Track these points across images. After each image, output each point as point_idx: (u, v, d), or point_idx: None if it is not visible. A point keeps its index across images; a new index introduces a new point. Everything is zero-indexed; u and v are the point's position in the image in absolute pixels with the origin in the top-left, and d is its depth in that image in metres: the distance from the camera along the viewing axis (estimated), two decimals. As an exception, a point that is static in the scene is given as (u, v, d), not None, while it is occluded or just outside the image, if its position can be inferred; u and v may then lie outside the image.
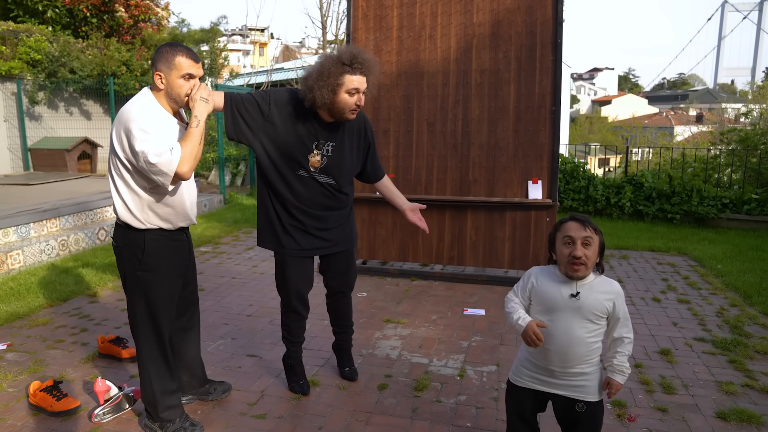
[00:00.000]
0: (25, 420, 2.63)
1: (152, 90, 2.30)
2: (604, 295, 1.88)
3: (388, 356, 3.34)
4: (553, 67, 4.42)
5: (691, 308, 4.15)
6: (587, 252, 1.85)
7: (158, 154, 2.14)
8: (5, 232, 5.25)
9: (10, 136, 9.81)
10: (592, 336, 1.89)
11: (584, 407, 1.92)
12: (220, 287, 4.71)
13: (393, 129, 4.79)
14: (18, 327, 3.80)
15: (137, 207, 2.29)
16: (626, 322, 1.90)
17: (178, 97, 2.28)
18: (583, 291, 1.88)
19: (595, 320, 1.88)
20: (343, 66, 2.43)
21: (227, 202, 8.97)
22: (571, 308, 1.88)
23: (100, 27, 11.68)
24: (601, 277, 1.93)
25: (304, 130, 2.56)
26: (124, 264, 2.38)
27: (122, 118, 2.21)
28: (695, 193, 7.15)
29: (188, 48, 2.30)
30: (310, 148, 2.57)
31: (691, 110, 43.24)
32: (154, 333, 2.41)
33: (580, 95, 57.34)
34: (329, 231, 2.73)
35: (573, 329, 1.87)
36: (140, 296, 2.37)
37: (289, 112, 2.55)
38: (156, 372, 2.43)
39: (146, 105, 2.25)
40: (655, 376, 3.05)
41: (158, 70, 2.25)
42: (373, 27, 4.77)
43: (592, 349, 1.90)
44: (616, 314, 1.89)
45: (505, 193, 4.60)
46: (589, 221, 1.90)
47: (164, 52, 2.25)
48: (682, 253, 5.82)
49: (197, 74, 2.28)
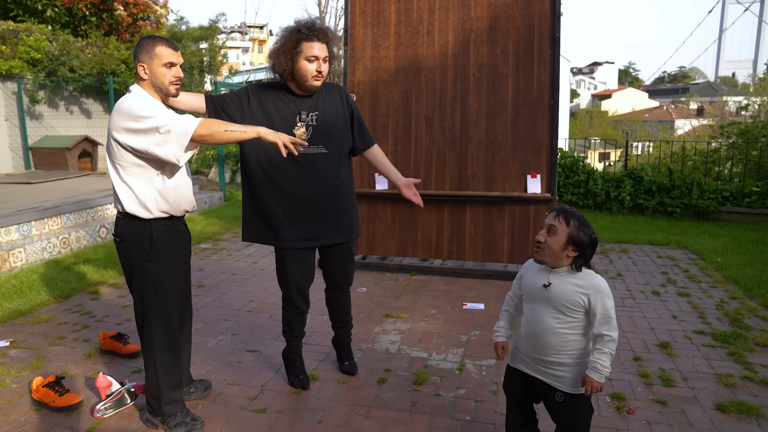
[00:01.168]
0: (29, 415, 2.65)
1: (138, 83, 2.37)
2: (577, 288, 1.90)
3: (387, 351, 3.35)
4: (551, 61, 4.42)
5: (691, 301, 4.16)
6: (549, 239, 1.91)
7: (171, 122, 2.20)
8: (7, 230, 5.27)
9: (11, 135, 9.82)
10: (565, 327, 1.92)
11: (562, 397, 1.96)
12: (220, 283, 4.72)
13: (391, 124, 4.80)
14: (21, 324, 3.82)
15: (146, 195, 2.32)
16: (607, 319, 1.87)
17: (162, 85, 2.34)
18: (555, 282, 1.93)
19: (567, 312, 1.91)
20: (299, 33, 2.54)
21: (227, 199, 8.99)
22: (544, 298, 1.95)
23: (99, 25, 11.68)
24: (585, 272, 1.93)
25: (284, 108, 2.64)
26: (129, 257, 2.39)
27: (122, 109, 2.25)
28: (695, 186, 7.14)
29: (167, 39, 2.39)
30: (293, 122, 2.62)
31: (692, 103, 43.10)
32: (165, 324, 2.42)
33: (580, 89, 57.19)
34: (327, 219, 2.73)
35: (544, 318, 1.95)
36: (149, 288, 2.38)
37: (266, 96, 2.65)
38: (163, 364, 2.44)
39: (140, 94, 2.32)
40: (654, 369, 3.06)
41: (141, 62, 2.32)
42: (371, 22, 4.77)
43: (568, 341, 1.93)
44: (592, 310, 1.88)
45: (504, 188, 4.60)
46: (567, 214, 1.91)
47: (144, 44, 2.33)
48: (682, 246, 5.83)
49: (177, 62, 2.36)
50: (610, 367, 1.87)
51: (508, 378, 2.16)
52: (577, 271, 1.92)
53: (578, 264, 1.92)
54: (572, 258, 1.91)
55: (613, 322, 1.88)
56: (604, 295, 1.88)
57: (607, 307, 1.88)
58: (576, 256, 1.91)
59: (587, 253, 1.91)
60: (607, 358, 1.87)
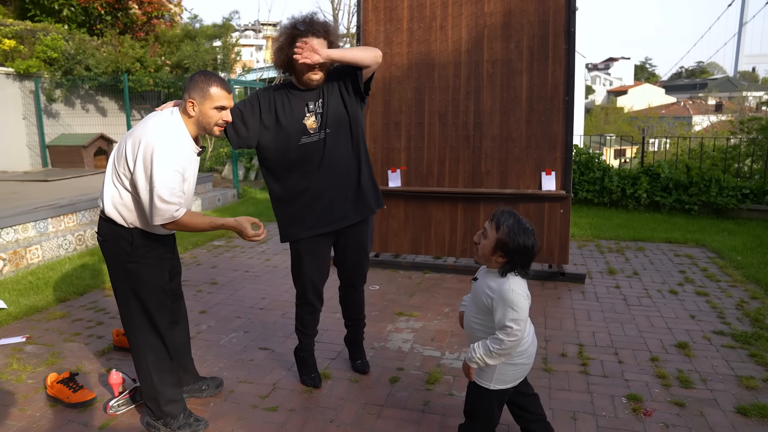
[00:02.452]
0: (44, 411, 2.67)
1: (182, 114, 2.30)
2: (488, 290, 1.95)
3: (400, 349, 3.33)
4: (566, 56, 4.36)
5: (710, 301, 4.08)
6: (482, 241, 1.96)
7: (168, 200, 2.16)
8: (24, 227, 5.33)
9: (29, 133, 9.96)
10: (478, 323, 2.01)
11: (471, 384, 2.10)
12: (233, 281, 4.73)
13: (404, 121, 4.77)
14: (36, 320, 3.86)
15: (128, 212, 2.29)
16: (503, 327, 1.88)
17: (207, 126, 2.31)
18: (480, 278, 2.03)
19: (482, 308, 1.97)
20: (294, 29, 2.54)
21: (241, 197, 9.02)
22: (472, 290, 2.07)
23: (114, 24, 11.79)
24: (506, 277, 1.92)
25: (291, 105, 2.63)
26: (111, 258, 2.37)
27: (147, 136, 2.18)
28: (714, 183, 7.01)
29: (221, 78, 2.32)
30: (303, 113, 2.62)
31: (710, 99, 42.45)
32: (149, 324, 2.40)
33: (595, 86, 56.60)
34: (345, 200, 2.70)
35: (468, 311, 2.08)
36: (131, 289, 2.36)
37: (273, 98, 2.65)
38: (154, 364, 2.42)
39: (172, 130, 2.25)
40: (671, 370, 3.00)
41: (191, 98, 2.26)
42: (384, 19, 4.74)
43: (477, 336, 2.01)
44: (494, 313, 1.92)
45: (518, 185, 4.55)
46: (500, 219, 1.92)
47: (199, 81, 2.27)
48: (700, 244, 5.72)
49: (228, 106, 2.31)
50: (481, 359, 1.92)
51: None
52: (501, 276, 1.93)
53: (504, 270, 1.92)
54: (500, 263, 1.93)
55: (511, 331, 1.88)
56: (507, 304, 1.88)
57: (507, 316, 1.88)
58: (504, 262, 1.92)
59: (515, 261, 1.90)
60: (483, 349, 1.92)
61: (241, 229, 2.32)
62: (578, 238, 6.03)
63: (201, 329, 3.66)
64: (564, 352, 3.25)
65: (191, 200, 2.44)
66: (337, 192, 2.68)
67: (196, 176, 2.44)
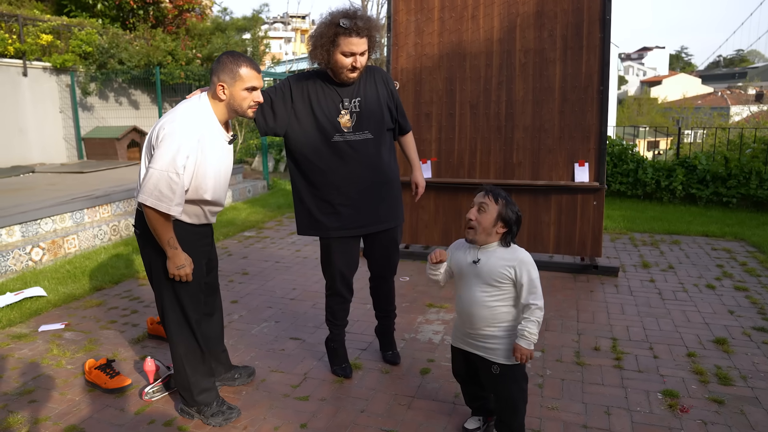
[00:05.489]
0: (82, 396, 2.74)
1: (210, 99, 2.26)
2: (504, 261, 2.03)
3: (430, 341, 3.32)
4: (601, 45, 4.25)
5: (750, 296, 3.95)
6: (480, 217, 2.05)
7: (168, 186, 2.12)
8: (62, 217, 5.48)
9: (65, 126, 10.22)
10: (495, 299, 2.05)
11: (498, 369, 2.08)
12: (264, 271, 4.78)
13: (435, 112, 4.73)
14: (74, 308, 3.96)
15: None
16: (532, 288, 1.99)
17: (240, 108, 2.26)
18: (483, 257, 2.07)
19: (497, 284, 2.03)
20: (337, 27, 2.46)
21: (271, 188, 9.11)
22: (473, 273, 2.09)
23: (146, 18, 11.98)
24: (511, 246, 2.07)
25: (326, 97, 2.59)
26: (148, 250, 2.35)
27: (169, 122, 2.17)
28: (754, 175, 6.78)
29: (250, 58, 2.27)
30: (338, 109, 2.58)
31: (750, 89, 41.01)
32: (182, 318, 2.40)
33: (628, 76, 55.24)
34: (375, 206, 2.69)
35: (474, 292, 2.08)
36: (167, 282, 2.34)
37: (307, 87, 2.61)
38: (187, 355, 2.43)
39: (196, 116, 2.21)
40: (709, 366, 2.92)
41: (221, 81, 2.21)
42: (414, 8, 4.69)
43: (498, 313, 2.05)
44: (519, 280, 2.00)
45: (551, 177, 4.47)
46: (494, 192, 2.07)
47: (227, 62, 2.21)
48: (738, 238, 5.55)
49: (259, 86, 2.27)
50: (537, 335, 1.98)
51: (453, 360, 2.32)
52: (505, 246, 2.06)
53: (506, 240, 2.06)
54: (501, 234, 2.06)
55: (538, 291, 2.00)
56: (529, 266, 2.01)
57: (532, 277, 2.00)
58: (504, 232, 2.05)
59: (514, 230, 2.06)
60: (534, 326, 1.97)
61: (174, 261, 2.24)
62: (611, 231, 5.91)
63: (233, 319, 3.71)
64: (597, 346, 3.19)
65: (225, 191, 2.43)
66: (366, 195, 2.66)
67: (230, 166, 2.43)
